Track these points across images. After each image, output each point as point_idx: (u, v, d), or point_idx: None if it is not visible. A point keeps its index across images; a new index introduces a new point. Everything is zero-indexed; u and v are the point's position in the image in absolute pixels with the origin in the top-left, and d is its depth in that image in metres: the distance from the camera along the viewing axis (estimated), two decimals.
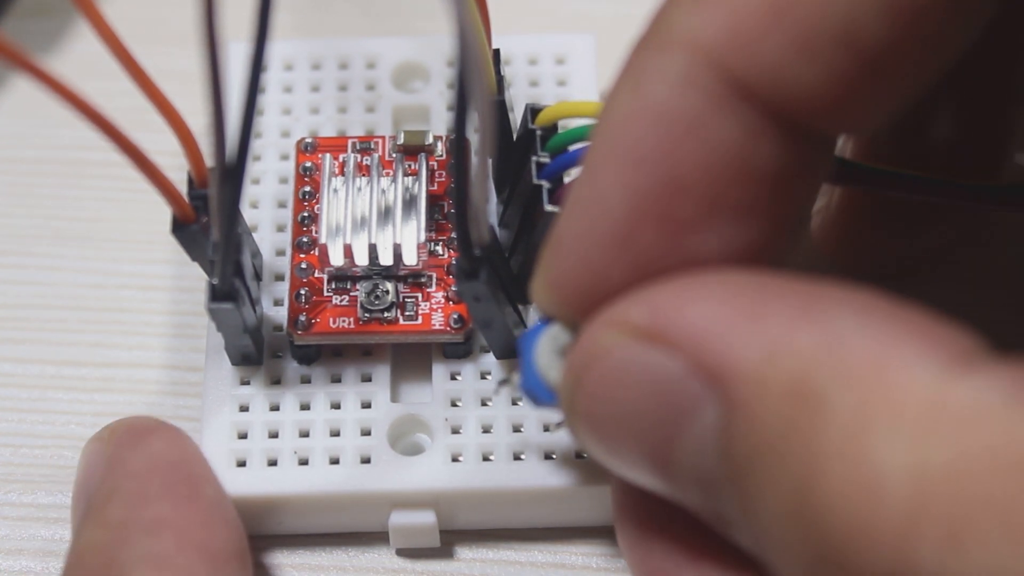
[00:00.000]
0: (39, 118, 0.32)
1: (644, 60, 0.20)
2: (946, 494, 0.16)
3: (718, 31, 0.19)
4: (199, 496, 0.25)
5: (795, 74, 0.19)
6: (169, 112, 0.23)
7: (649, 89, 0.20)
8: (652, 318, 0.20)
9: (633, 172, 0.20)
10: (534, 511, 0.27)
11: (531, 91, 0.30)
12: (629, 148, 0.20)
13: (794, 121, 0.20)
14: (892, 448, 0.17)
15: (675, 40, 0.20)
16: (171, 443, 0.25)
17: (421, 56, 0.30)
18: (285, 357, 0.27)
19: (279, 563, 0.27)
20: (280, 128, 0.30)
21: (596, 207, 0.20)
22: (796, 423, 0.18)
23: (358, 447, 0.26)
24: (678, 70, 0.20)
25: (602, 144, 0.20)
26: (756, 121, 0.20)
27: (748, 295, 0.19)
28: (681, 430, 0.19)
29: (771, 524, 0.18)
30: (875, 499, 0.17)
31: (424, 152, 0.28)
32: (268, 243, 0.28)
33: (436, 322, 0.27)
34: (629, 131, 0.20)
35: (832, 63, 0.19)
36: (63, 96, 0.21)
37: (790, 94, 0.19)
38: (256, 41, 0.21)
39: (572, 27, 0.32)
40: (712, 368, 0.19)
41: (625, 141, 0.20)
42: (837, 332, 0.18)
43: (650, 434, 0.20)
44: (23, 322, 0.30)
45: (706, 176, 0.20)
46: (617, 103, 0.20)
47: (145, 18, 0.33)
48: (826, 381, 0.18)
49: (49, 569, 0.27)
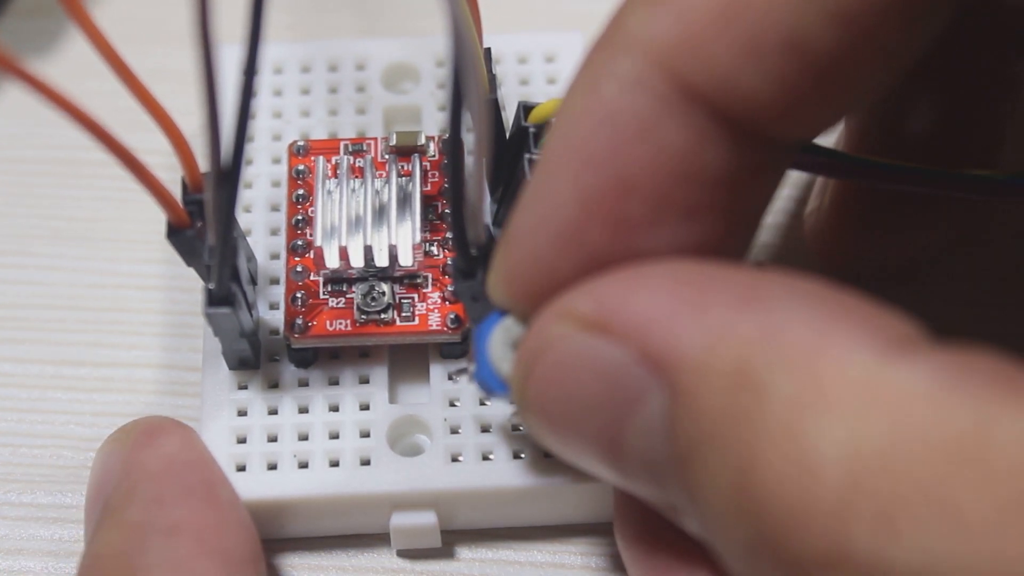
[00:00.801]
0: (37, 118, 0.31)
1: (598, 61, 0.20)
2: (878, 477, 0.17)
3: (668, 35, 0.20)
4: (215, 499, 0.25)
5: (743, 79, 0.19)
6: (162, 117, 0.23)
7: (601, 90, 0.20)
8: (598, 308, 0.20)
9: (583, 172, 0.20)
10: (534, 510, 0.27)
11: (521, 89, 0.30)
12: (580, 148, 0.20)
13: (743, 125, 0.20)
14: (826, 432, 0.17)
15: (627, 42, 0.20)
16: (186, 444, 0.26)
17: (411, 57, 0.30)
18: (282, 360, 0.27)
19: (280, 564, 0.27)
20: (271, 131, 0.30)
21: (547, 204, 0.21)
22: (737, 409, 0.18)
23: (357, 449, 0.26)
24: (629, 72, 0.20)
25: (555, 143, 0.21)
26: (705, 124, 0.20)
27: (692, 284, 0.19)
28: (629, 418, 0.20)
29: (714, 509, 0.19)
30: (810, 482, 0.17)
31: (417, 153, 0.28)
32: (262, 247, 0.28)
33: (433, 322, 0.27)
34: (581, 131, 0.20)
35: (779, 69, 0.19)
36: (56, 103, 0.21)
37: (738, 99, 0.20)
38: (250, 45, 0.21)
39: (561, 26, 0.32)
40: (656, 356, 0.19)
41: (576, 141, 0.20)
42: (777, 319, 0.18)
43: (599, 423, 0.20)
44: (22, 322, 0.30)
45: (655, 178, 0.20)
46: (572, 103, 0.21)
47: (142, 18, 0.33)
48: (765, 368, 0.18)
49: (48, 569, 0.27)
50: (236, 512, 0.25)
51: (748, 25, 0.19)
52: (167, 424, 0.26)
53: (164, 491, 0.24)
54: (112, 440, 0.26)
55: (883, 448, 0.17)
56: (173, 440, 0.25)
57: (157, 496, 0.24)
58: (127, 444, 0.25)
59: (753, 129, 0.20)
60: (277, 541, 0.27)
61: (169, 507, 0.24)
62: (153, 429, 0.26)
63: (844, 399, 0.17)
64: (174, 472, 0.25)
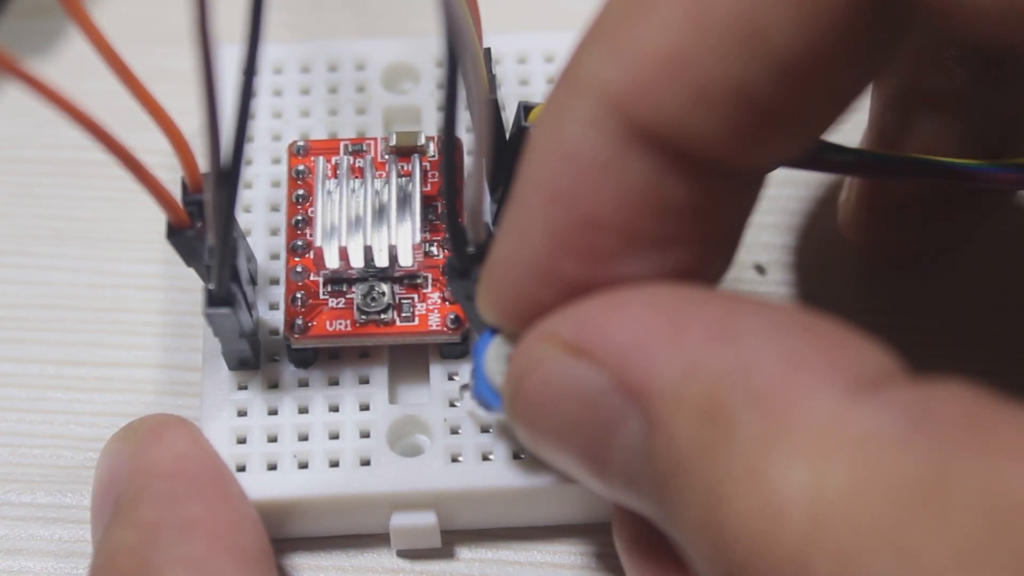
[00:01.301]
0: (38, 118, 0.31)
1: (559, 100, 0.21)
2: (840, 520, 0.17)
3: (622, 79, 0.20)
4: (227, 495, 0.25)
5: (694, 124, 0.20)
6: (161, 117, 0.23)
7: (563, 130, 0.20)
8: (578, 334, 0.20)
9: (551, 209, 0.21)
10: (534, 510, 0.27)
11: (521, 89, 0.30)
12: (546, 185, 0.21)
13: (700, 161, 0.20)
14: (791, 472, 0.17)
15: (584, 83, 0.20)
16: (194, 441, 0.26)
17: (411, 57, 0.30)
18: (282, 361, 0.27)
19: (280, 564, 0.27)
20: (271, 132, 0.29)
21: (520, 239, 0.21)
22: (707, 443, 0.18)
23: (357, 449, 0.26)
24: (587, 113, 0.20)
25: (525, 179, 0.21)
26: (663, 161, 0.20)
27: (669, 311, 0.20)
28: (611, 438, 0.20)
29: (688, 536, 0.19)
30: (774, 523, 0.17)
31: (417, 153, 0.28)
32: (262, 247, 0.28)
33: (433, 323, 0.27)
34: (546, 169, 0.21)
35: (728, 116, 0.20)
36: (56, 103, 0.21)
37: (691, 141, 0.20)
38: (249, 44, 0.21)
39: (560, 25, 0.32)
40: (632, 385, 0.19)
41: (543, 178, 0.21)
42: (749, 353, 0.18)
43: (583, 440, 0.21)
44: (22, 322, 0.30)
45: (620, 213, 0.20)
46: (538, 140, 0.21)
47: (141, 18, 0.33)
48: (735, 404, 0.18)
49: (49, 569, 0.27)
50: (247, 508, 0.25)
51: (696, 75, 0.19)
52: (173, 421, 0.26)
53: (176, 488, 0.25)
54: (118, 439, 0.26)
55: (845, 492, 0.17)
56: (181, 437, 0.25)
57: (170, 493, 0.24)
58: (134, 443, 0.25)
59: (711, 164, 0.20)
60: (277, 541, 0.27)
61: (182, 504, 0.24)
62: (160, 427, 0.26)
63: (809, 440, 0.17)
64: (185, 469, 0.25)
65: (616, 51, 0.20)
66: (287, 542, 0.27)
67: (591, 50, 0.20)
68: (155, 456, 0.25)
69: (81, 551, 0.27)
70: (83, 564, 0.27)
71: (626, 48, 0.20)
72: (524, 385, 0.21)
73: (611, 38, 0.20)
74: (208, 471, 0.25)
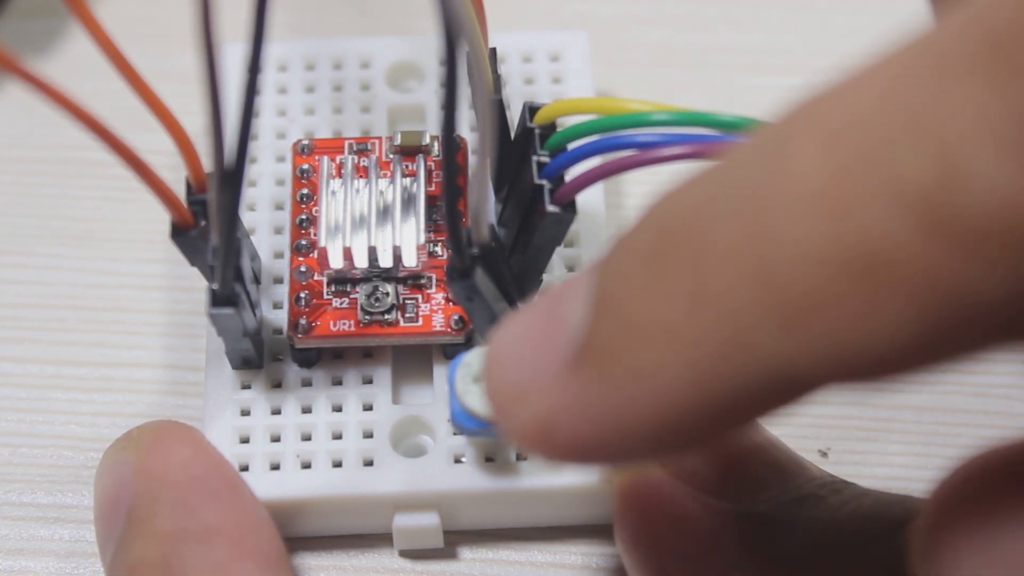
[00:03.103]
0: (39, 118, 0.31)
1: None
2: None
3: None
4: (240, 499, 0.25)
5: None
6: (165, 116, 0.23)
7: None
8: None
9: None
10: (535, 511, 0.27)
11: (526, 89, 0.30)
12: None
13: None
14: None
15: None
16: (199, 446, 0.26)
17: (416, 55, 0.30)
18: (286, 360, 0.27)
19: None
20: (275, 130, 0.29)
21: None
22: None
23: (360, 449, 0.26)
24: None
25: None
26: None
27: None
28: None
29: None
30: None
31: (422, 152, 0.27)
32: (266, 246, 0.28)
33: (436, 323, 0.26)
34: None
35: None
36: (60, 103, 0.21)
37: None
38: (253, 42, 0.21)
39: (565, 24, 0.33)
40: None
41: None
42: None
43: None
44: (23, 322, 0.30)
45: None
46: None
47: (143, 17, 0.33)
48: None
49: (49, 569, 0.27)
50: (260, 510, 0.25)
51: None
52: (173, 428, 0.26)
53: (189, 496, 0.24)
54: (118, 450, 0.26)
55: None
56: (185, 443, 0.25)
57: (183, 502, 0.24)
58: (137, 452, 0.25)
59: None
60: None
61: (198, 512, 0.24)
62: (162, 434, 0.26)
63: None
64: (194, 476, 0.25)
65: (818, 343, 0.17)
66: (289, 541, 0.27)
67: (774, 326, 0.17)
68: (162, 464, 0.25)
69: (82, 551, 0.27)
70: (84, 564, 0.27)
71: (832, 344, 0.17)
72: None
73: (810, 327, 0.17)
74: (217, 475, 0.25)
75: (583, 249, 0.28)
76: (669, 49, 0.33)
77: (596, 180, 0.24)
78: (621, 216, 0.31)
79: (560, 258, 0.28)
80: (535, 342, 0.19)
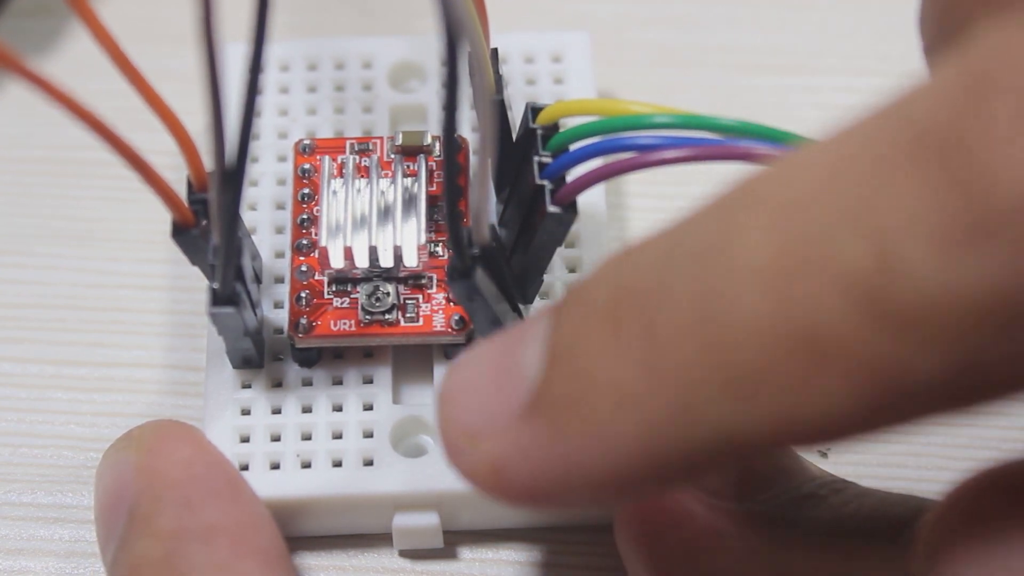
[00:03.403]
0: (39, 118, 0.31)
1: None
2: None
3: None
4: (241, 498, 0.25)
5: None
6: (167, 116, 0.23)
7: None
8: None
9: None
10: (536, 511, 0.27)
11: (527, 89, 0.30)
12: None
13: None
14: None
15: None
16: (200, 446, 0.26)
17: (417, 55, 0.30)
18: (286, 360, 0.27)
19: None
20: (277, 129, 0.29)
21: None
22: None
23: (360, 449, 0.26)
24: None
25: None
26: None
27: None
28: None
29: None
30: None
31: (423, 153, 0.27)
32: (267, 245, 0.28)
33: (437, 323, 0.26)
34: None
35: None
36: (63, 103, 0.21)
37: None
38: (254, 43, 0.21)
39: (567, 25, 0.33)
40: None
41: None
42: None
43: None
44: (23, 322, 0.30)
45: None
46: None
47: (144, 17, 0.33)
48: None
49: (49, 569, 0.27)
50: (261, 509, 0.25)
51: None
52: (174, 427, 0.26)
53: (191, 495, 0.24)
54: (119, 450, 0.26)
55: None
56: (186, 442, 0.25)
57: (185, 501, 0.24)
58: (138, 452, 0.25)
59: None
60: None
61: (200, 511, 0.24)
62: (163, 433, 0.26)
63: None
64: (196, 475, 0.25)
65: (763, 413, 0.17)
66: (289, 541, 0.27)
67: (721, 396, 0.17)
68: (164, 463, 0.25)
69: (82, 551, 0.27)
70: (84, 564, 0.27)
71: (776, 415, 0.17)
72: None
73: (755, 398, 0.17)
74: (219, 474, 0.25)
75: (584, 250, 0.28)
76: (670, 49, 0.33)
77: (597, 181, 0.24)
78: (622, 217, 0.31)
79: (561, 259, 0.28)
80: (490, 385, 0.19)
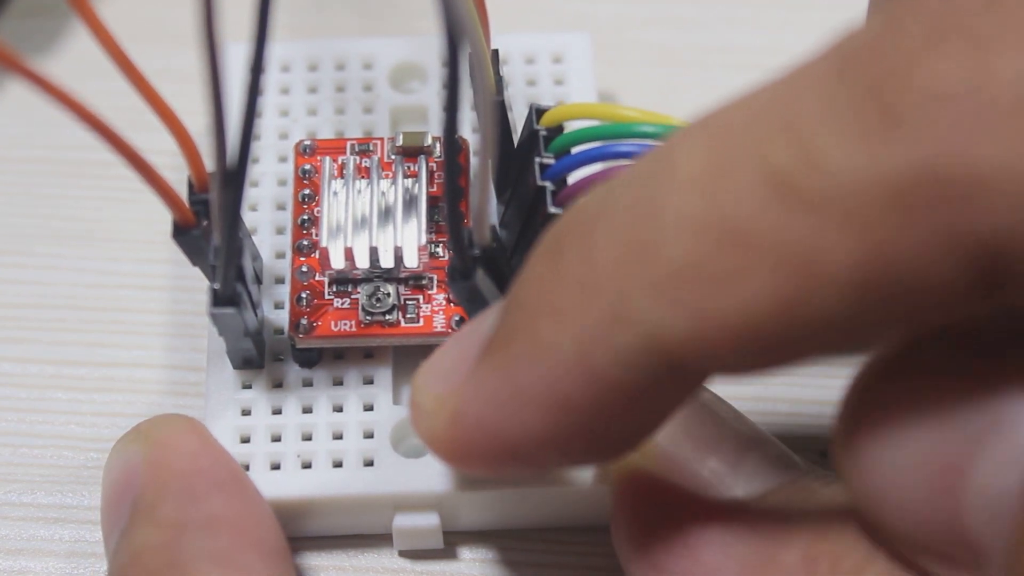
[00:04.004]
0: (39, 118, 0.31)
1: (594, 323, 0.19)
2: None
3: (684, 336, 0.18)
4: (245, 491, 0.25)
5: (745, 366, 0.19)
6: (168, 116, 0.23)
7: (593, 355, 0.19)
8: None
9: (553, 414, 0.20)
10: (535, 511, 0.27)
11: (528, 90, 0.30)
12: (556, 393, 0.20)
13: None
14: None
15: (632, 323, 0.19)
16: (206, 440, 0.26)
17: (418, 56, 0.30)
18: (287, 360, 0.27)
19: None
20: (278, 130, 0.30)
21: (506, 422, 0.20)
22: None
23: (361, 450, 0.26)
24: (627, 349, 0.19)
25: (528, 371, 0.20)
26: (677, 383, 0.20)
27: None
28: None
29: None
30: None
31: (423, 153, 0.28)
32: (268, 246, 0.28)
33: (438, 324, 0.27)
34: (562, 381, 0.20)
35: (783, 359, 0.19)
36: (64, 103, 0.21)
37: (725, 372, 0.19)
38: (256, 43, 0.21)
39: (567, 26, 0.33)
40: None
41: (552, 385, 0.20)
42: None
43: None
44: (23, 322, 0.30)
45: (618, 427, 0.20)
46: (553, 350, 0.20)
47: (144, 17, 0.33)
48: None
49: (49, 569, 0.27)
50: (263, 503, 0.25)
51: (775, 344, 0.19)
52: (182, 420, 0.26)
53: (196, 486, 0.25)
54: (128, 441, 0.26)
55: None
56: (194, 436, 0.26)
57: (189, 492, 0.24)
58: (146, 444, 0.25)
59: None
60: None
61: (203, 501, 0.24)
62: (170, 426, 0.26)
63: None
64: (201, 467, 0.25)
65: (686, 310, 0.18)
66: (290, 541, 0.27)
67: (648, 297, 0.18)
68: (170, 455, 0.25)
69: (83, 551, 0.27)
70: (85, 564, 0.27)
71: (699, 311, 0.18)
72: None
73: (679, 295, 0.18)
74: (224, 468, 0.25)
75: None
76: (670, 49, 0.33)
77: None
78: None
79: None
80: (454, 357, 0.21)
